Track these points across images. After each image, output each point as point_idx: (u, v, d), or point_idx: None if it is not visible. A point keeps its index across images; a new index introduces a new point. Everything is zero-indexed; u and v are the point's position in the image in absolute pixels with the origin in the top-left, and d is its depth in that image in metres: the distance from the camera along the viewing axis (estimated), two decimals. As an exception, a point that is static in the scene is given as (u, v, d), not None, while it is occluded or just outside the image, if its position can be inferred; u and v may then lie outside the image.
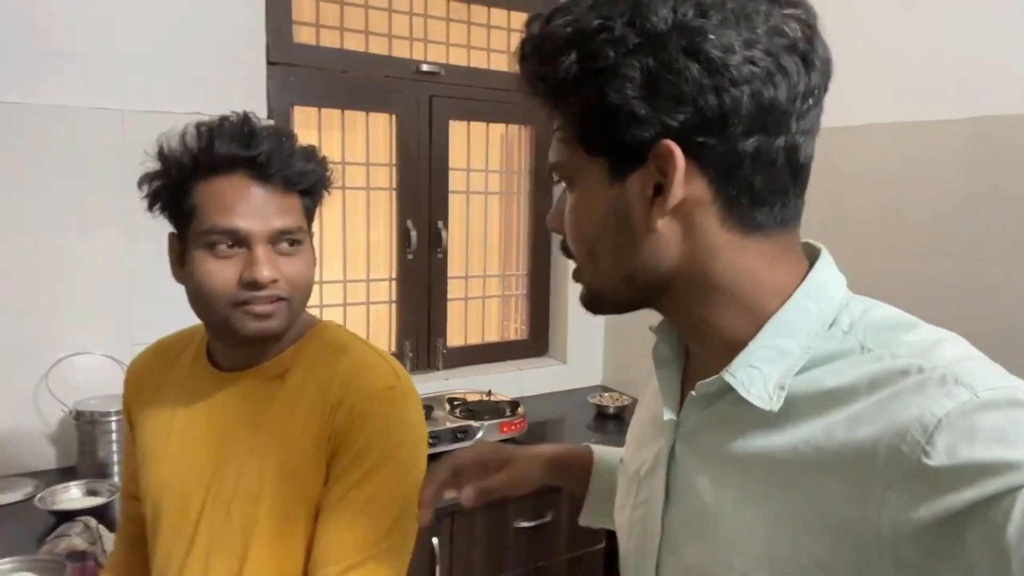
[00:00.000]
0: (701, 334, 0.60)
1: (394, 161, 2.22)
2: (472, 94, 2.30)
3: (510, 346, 2.57)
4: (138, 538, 1.04)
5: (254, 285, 0.86)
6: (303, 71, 2.03)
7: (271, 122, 0.94)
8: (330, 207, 2.15)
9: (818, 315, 0.56)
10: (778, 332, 0.55)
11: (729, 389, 0.56)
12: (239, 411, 0.94)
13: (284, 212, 0.89)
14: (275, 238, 0.89)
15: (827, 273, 0.58)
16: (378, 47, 2.19)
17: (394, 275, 2.28)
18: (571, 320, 2.52)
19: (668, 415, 0.62)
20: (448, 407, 1.98)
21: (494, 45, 2.40)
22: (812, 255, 0.59)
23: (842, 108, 0.96)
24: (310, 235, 0.96)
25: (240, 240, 0.87)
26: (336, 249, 2.19)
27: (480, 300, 2.50)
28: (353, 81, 2.11)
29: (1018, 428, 0.45)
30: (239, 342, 0.92)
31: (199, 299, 0.89)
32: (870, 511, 0.48)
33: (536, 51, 0.56)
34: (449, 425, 1.85)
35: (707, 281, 0.56)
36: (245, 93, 1.89)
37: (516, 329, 2.63)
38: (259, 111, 1.89)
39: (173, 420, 0.99)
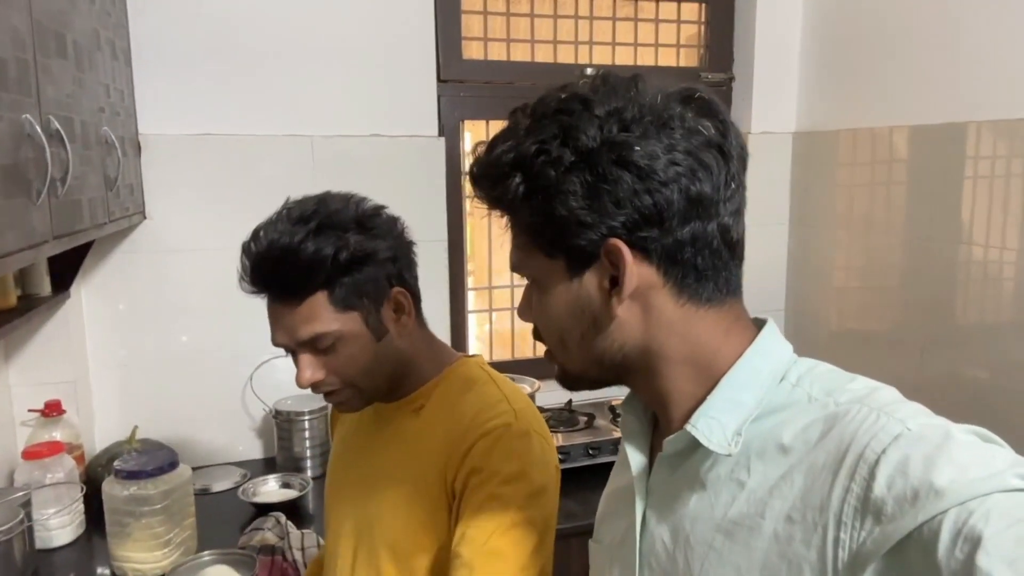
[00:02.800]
0: (666, 402, 0.65)
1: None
2: (639, 94, 2.25)
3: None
4: None
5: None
6: (472, 86, 2.10)
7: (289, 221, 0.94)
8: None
9: (768, 371, 0.62)
10: (732, 387, 0.62)
11: (695, 447, 0.62)
12: (386, 439, 1.02)
13: (305, 321, 0.91)
14: (308, 345, 0.93)
15: (773, 337, 0.65)
16: (544, 55, 2.21)
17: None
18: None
19: (639, 483, 0.67)
20: (611, 415, 1.98)
21: (663, 40, 2.32)
22: (759, 325, 0.66)
23: None
24: (365, 313, 0.94)
25: (288, 350, 0.95)
26: (504, 257, 2.26)
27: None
28: (520, 92, 2.15)
29: (943, 456, 0.50)
30: None
31: None
32: (827, 550, 0.53)
33: (485, 175, 0.63)
34: (614, 435, 1.84)
35: (666, 354, 0.63)
36: (417, 112, 2.00)
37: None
38: (430, 128, 2.01)
39: (345, 436, 1.12)
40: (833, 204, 2.18)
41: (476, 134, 2.18)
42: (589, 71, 2.26)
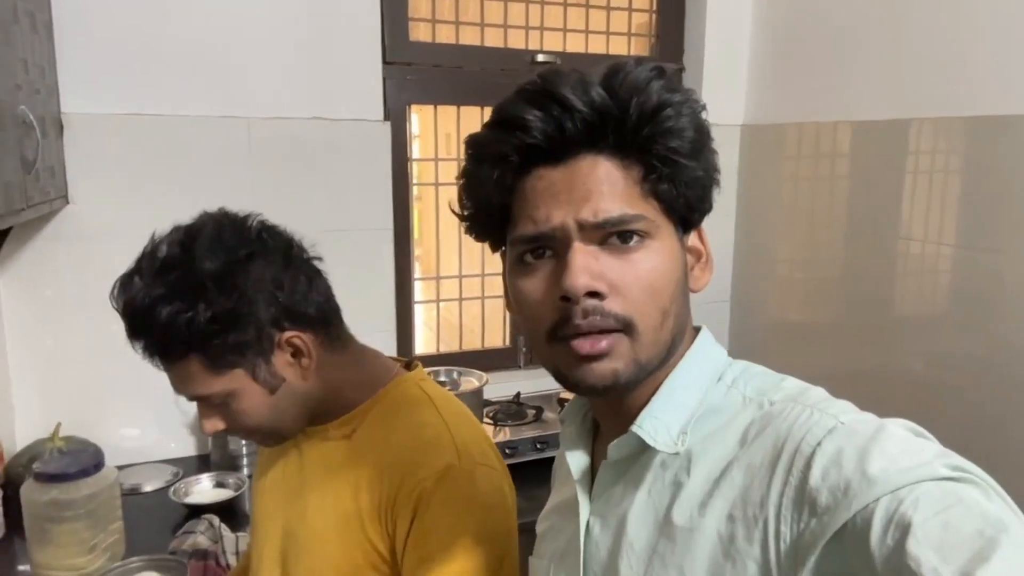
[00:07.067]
0: (617, 410, 0.65)
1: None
2: (590, 82, 2.22)
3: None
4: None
5: None
6: (419, 69, 2.03)
7: None
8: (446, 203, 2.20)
9: (707, 372, 0.65)
10: (675, 388, 0.63)
11: (640, 452, 0.63)
12: (312, 461, 0.95)
13: (184, 383, 0.86)
14: (200, 400, 0.89)
15: (709, 341, 0.68)
16: (494, 39, 2.16)
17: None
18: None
19: (582, 488, 0.68)
20: (559, 408, 1.96)
21: (614, 28, 2.30)
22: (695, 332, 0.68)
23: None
24: (250, 368, 0.84)
25: None
26: (452, 246, 2.21)
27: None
28: (468, 76, 2.10)
29: (875, 447, 0.51)
30: None
31: None
32: (769, 543, 0.54)
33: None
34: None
35: None
36: (362, 95, 1.93)
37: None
38: (376, 112, 1.94)
39: (269, 460, 1.03)
40: (779, 196, 2.20)
41: (423, 118, 2.12)
42: (540, 57, 2.22)
